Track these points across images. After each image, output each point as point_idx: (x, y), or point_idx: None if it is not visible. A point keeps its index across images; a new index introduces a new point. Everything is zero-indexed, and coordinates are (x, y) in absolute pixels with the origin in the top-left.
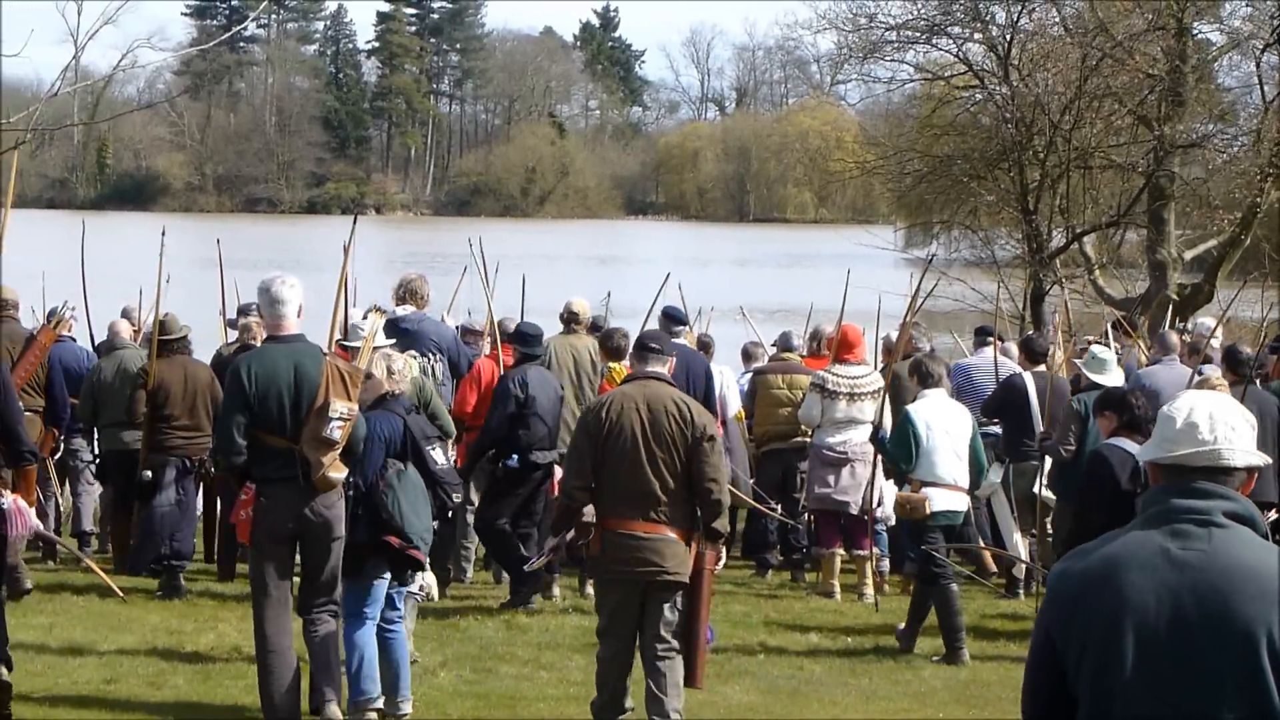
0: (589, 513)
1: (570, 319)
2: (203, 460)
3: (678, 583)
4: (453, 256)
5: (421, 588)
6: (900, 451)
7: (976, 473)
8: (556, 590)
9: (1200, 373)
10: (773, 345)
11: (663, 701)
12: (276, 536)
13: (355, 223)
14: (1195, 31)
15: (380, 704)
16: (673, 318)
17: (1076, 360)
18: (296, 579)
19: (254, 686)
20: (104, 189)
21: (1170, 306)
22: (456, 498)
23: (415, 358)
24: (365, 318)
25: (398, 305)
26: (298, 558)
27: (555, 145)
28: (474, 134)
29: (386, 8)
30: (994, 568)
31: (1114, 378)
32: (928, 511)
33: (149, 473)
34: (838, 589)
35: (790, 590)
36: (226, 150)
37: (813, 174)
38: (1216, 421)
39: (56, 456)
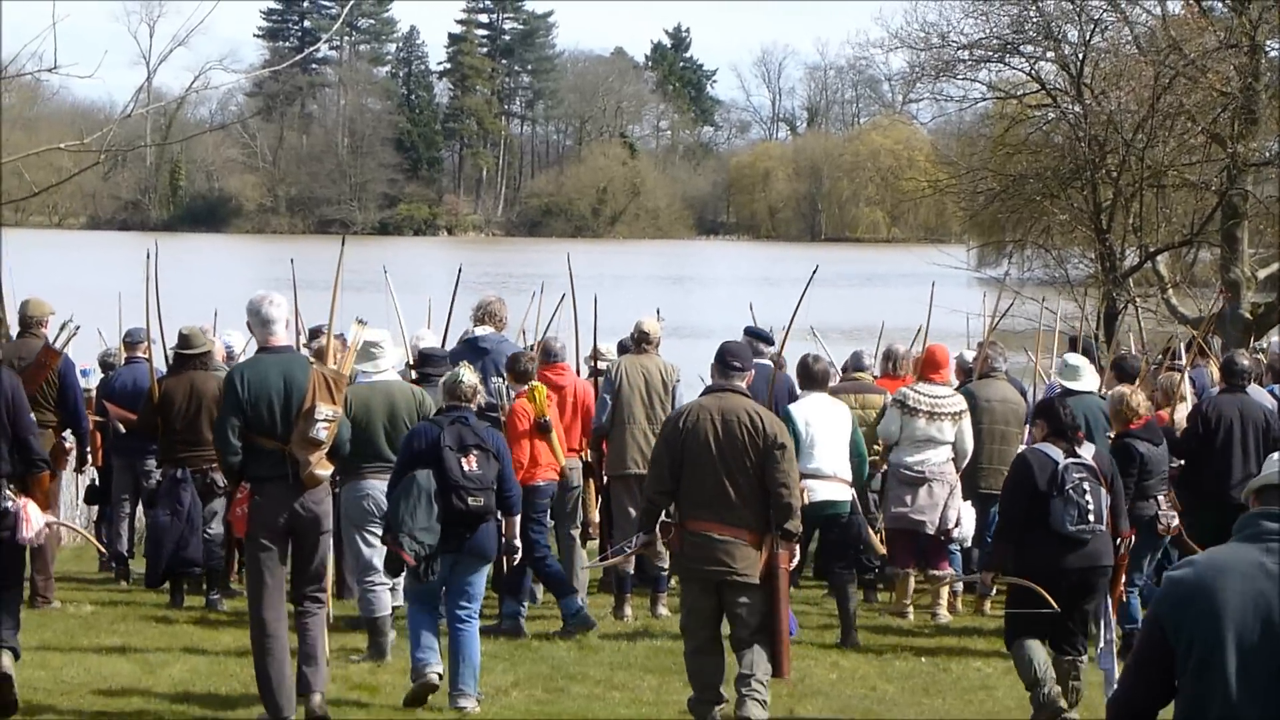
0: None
1: (641, 339)
2: (205, 471)
3: (747, 583)
4: (525, 277)
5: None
6: None
7: (858, 465)
8: (629, 610)
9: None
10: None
11: (750, 676)
12: (271, 531)
13: (344, 243)
14: (1268, 49)
15: (437, 669)
16: (759, 336)
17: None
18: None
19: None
20: (177, 210)
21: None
22: (472, 502)
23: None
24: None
25: (476, 326)
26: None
27: (626, 165)
28: (545, 155)
29: (458, 29)
30: (881, 550)
31: (1087, 383)
32: (807, 501)
33: (155, 481)
34: (911, 609)
35: (863, 610)
36: (299, 172)
37: (885, 193)
38: None
39: (85, 467)
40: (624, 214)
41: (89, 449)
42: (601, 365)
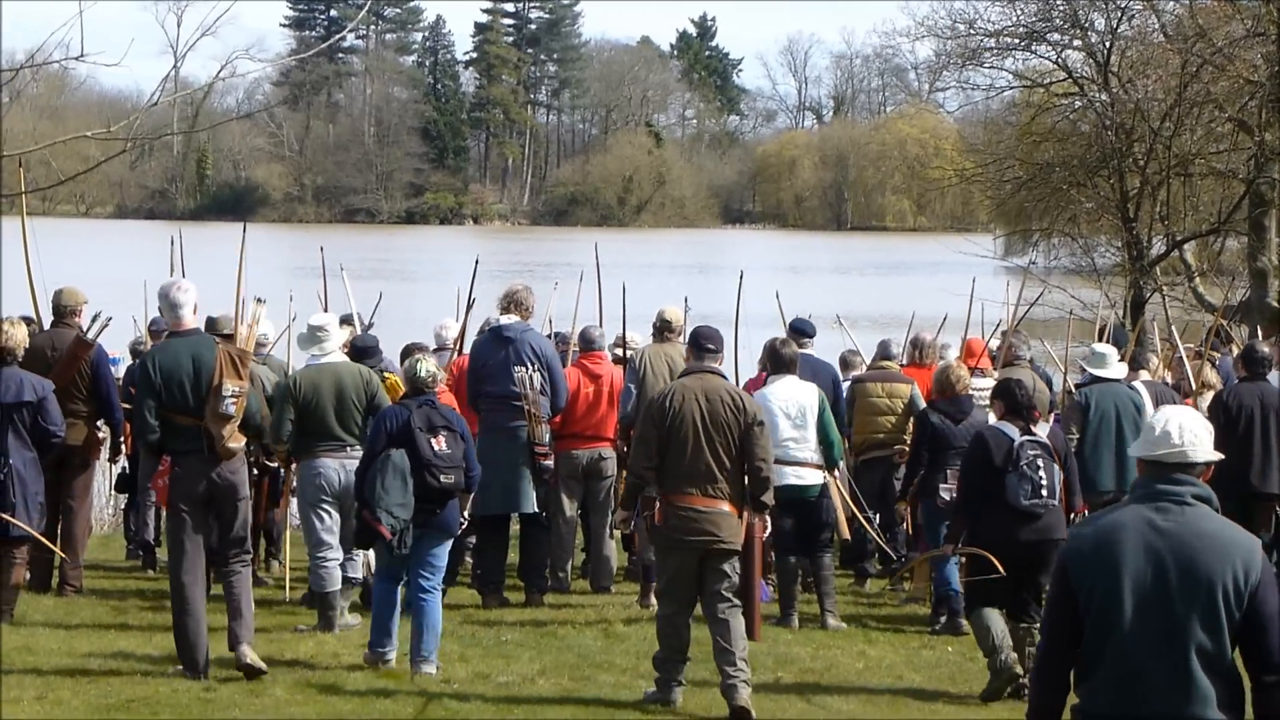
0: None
1: (663, 327)
2: None
3: (732, 550)
4: (550, 265)
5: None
6: None
7: (828, 449)
8: (654, 599)
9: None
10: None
11: (730, 652)
12: (190, 499)
13: (245, 230)
14: None
15: (391, 655)
16: (800, 330)
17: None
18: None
19: (353, 695)
20: (204, 199)
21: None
22: (444, 479)
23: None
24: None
25: (501, 314)
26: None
27: (652, 154)
28: (571, 144)
29: (484, 18)
30: (846, 535)
31: (1114, 371)
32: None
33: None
34: (927, 594)
35: (889, 599)
36: (325, 161)
37: (911, 182)
38: (1184, 430)
39: (118, 457)
40: (649, 203)
41: (121, 438)
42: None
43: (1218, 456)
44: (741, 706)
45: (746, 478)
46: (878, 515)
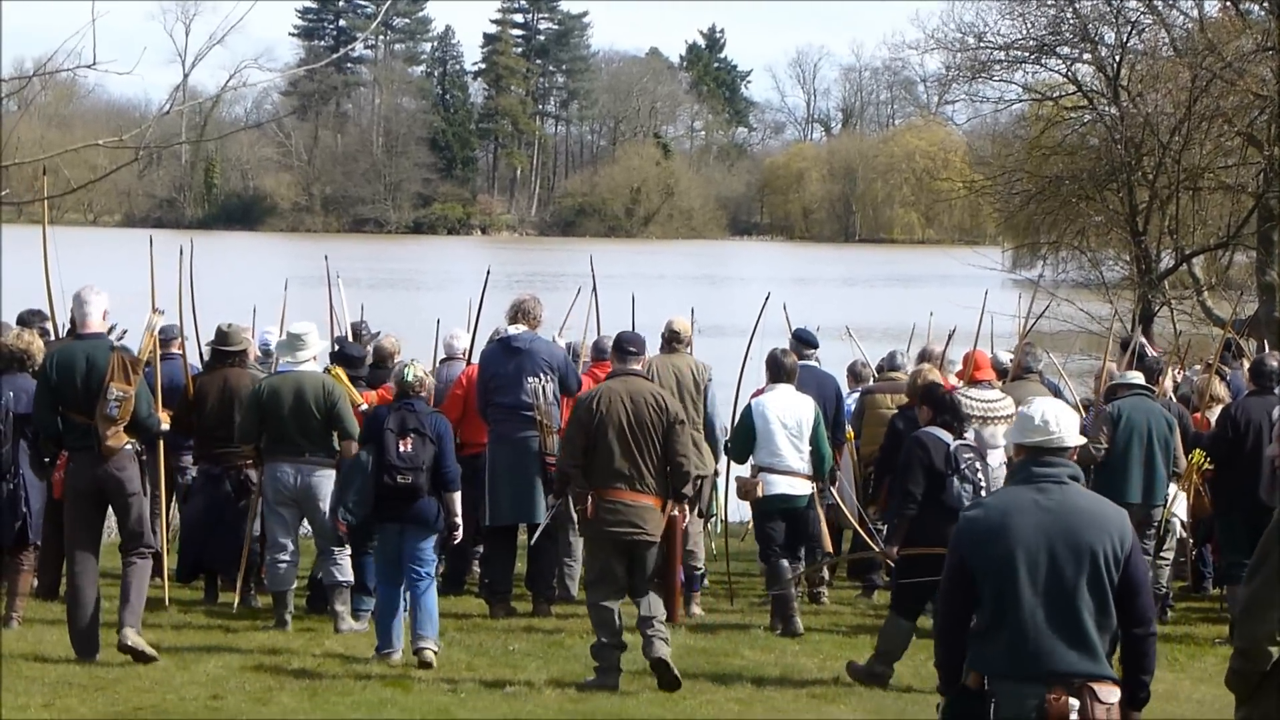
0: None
1: (672, 338)
2: (239, 468)
3: (654, 542)
4: (559, 276)
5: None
6: (736, 441)
7: (819, 462)
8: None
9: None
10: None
11: (650, 618)
12: (80, 492)
13: (151, 242)
14: None
15: (397, 655)
16: (804, 340)
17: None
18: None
19: (361, 704)
20: (212, 209)
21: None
22: (400, 479)
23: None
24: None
25: (510, 325)
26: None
27: (660, 166)
28: (579, 155)
29: (493, 29)
30: (829, 548)
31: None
32: (760, 494)
33: (190, 477)
34: None
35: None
36: (334, 171)
37: (919, 194)
38: (1058, 419)
39: None
40: (657, 214)
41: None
42: None
43: (1083, 441)
44: (659, 658)
45: (669, 472)
46: (885, 526)
